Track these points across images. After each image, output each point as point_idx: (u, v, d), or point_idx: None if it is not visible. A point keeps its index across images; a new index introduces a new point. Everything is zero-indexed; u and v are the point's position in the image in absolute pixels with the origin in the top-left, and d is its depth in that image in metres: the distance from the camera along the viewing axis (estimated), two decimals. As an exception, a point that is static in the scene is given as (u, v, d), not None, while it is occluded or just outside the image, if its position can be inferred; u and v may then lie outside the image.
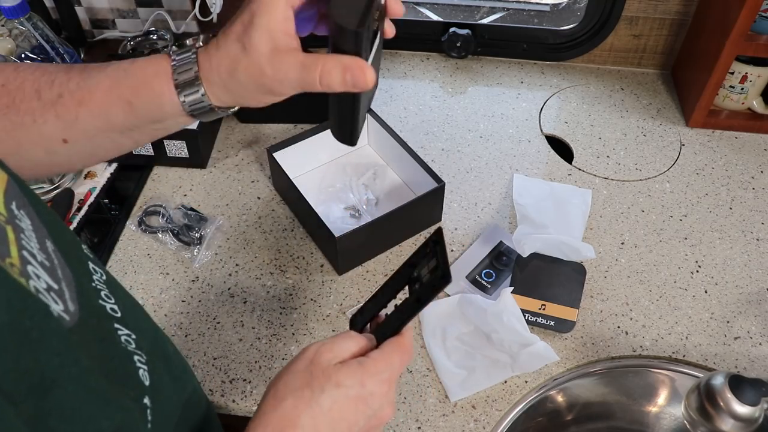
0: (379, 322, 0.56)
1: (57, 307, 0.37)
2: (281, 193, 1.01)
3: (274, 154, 0.97)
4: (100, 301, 0.45)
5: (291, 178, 0.94)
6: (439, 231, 0.53)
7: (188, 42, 0.53)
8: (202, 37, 0.52)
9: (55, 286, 0.38)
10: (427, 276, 0.51)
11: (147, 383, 0.44)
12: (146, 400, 0.44)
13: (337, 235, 0.85)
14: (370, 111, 1.03)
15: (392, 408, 0.52)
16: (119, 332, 0.45)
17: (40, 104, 0.51)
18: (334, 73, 0.49)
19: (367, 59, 0.49)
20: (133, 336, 0.46)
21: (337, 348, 0.51)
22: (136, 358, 0.45)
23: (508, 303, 0.80)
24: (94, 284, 0.45)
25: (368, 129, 1.06)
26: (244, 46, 0.49)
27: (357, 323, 0.57)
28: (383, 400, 0.50)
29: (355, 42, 0.48)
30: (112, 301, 0.46)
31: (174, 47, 0.53)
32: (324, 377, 0.49)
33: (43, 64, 0.55)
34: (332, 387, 0.48)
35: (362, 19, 0.47)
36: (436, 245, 0.52)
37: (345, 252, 0.88)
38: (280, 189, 1.01)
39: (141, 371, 0.44)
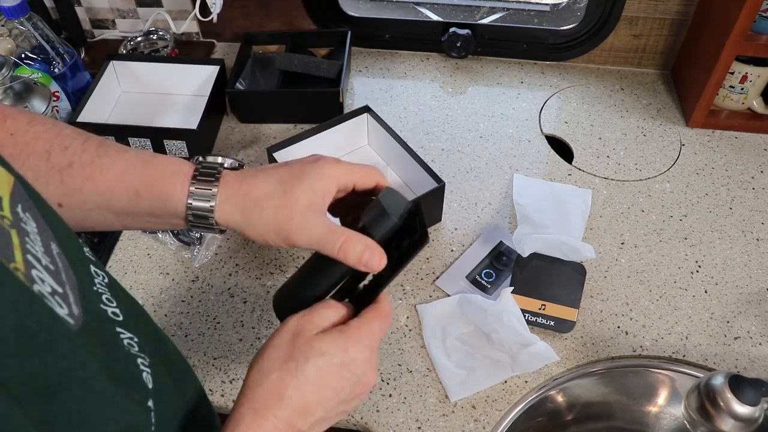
0: (358, 293, 0.56)
1: (62, 311, 0.37)
2: None
3: (274, 154, 0.97)
4: (102, 305, 0.45)
5: None
6: (418, 203, 0.54)
7: (210, 158, 0.54)
8: (228, 161, 0.53)
9: (60, 290, 0.38)
10: (406, 243, 0.53)
11: (150, 386, 0.44)
12: (150, 403, 0.44)
13: None
14: (370, 110, 1.03)
15: (375, 373, 0.52)
16: (122, 336, 0.45)
17: (47, 165, 0.51)
18: (357, 246, 0.51)
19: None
20: (136, 339, 0.46)
21: (317, 318, 0.51)
22: (139, 361, 0.45)
23: (508, 303, 0.80)
24: (95, 288, 0.45)
25: (368, 129, 1.06)
26: (285, 190, 0.52)
27: (337, 297, 0.57)
28: (366, 365, 0.51)
29: (387, 230, 0.53)
30: (114, 304, 0.46)
31: (200, 158, 0.53)
32: (307, 347, 0.49)
33: (60, 123, 0.54)
34: (316, 356, 0.49)
35: (402, 216, 0.53)
36: (415, 216, 0.53)
37: None
38: None
39: (144, 374, 0.44)
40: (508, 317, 0.79)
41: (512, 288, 0.83)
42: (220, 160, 0.54)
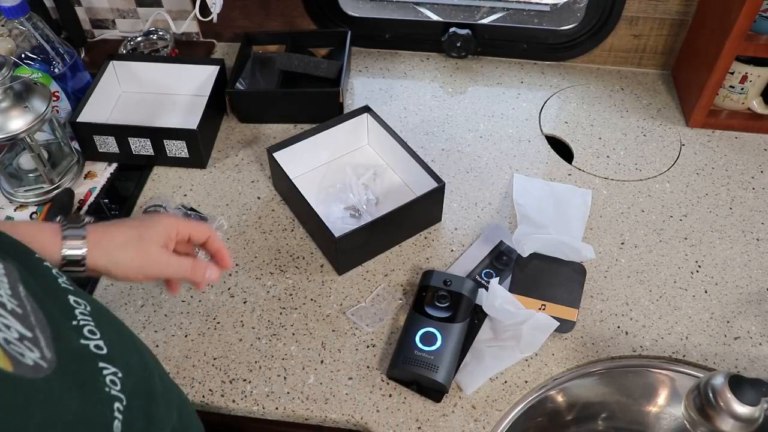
0: None
1: (32, 355, 0.37)
2: (281, 193, 1.01)
3: (274, 154, 0.97)
4: (83, 341, 0.44)
5: (291, 178, 0.94)
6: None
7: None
8: (87, 218, 0.65)
9: (29, 335, 0.38)
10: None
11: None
12: None
13: (336, 235, 0.85)
14: (370, 110, 1.03)
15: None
16: (105, 371, 0.44)
17: None
18: (201, 267, 0.69)
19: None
20: (120, 374, 0.46)
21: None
22: (115, 405, 0.44)
23: (497, 291, 0.82)
24: (75, 322, 0.45)
25: (368, 129, 1.06)
26: (141, 236, 0.64)
27: None
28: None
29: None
30: (97, 336, 0.46)
31: (61, 217, 0.65)
32: None
33: None
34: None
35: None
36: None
37: (345, 252, 0.88)
38: (280, 189, 1.01)
39: (116, 422, 0.44)
40: (500, 303, 0.81)
41: (498, 278, 0.85)
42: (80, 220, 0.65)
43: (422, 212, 0.95)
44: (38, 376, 0.38)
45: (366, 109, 1.04)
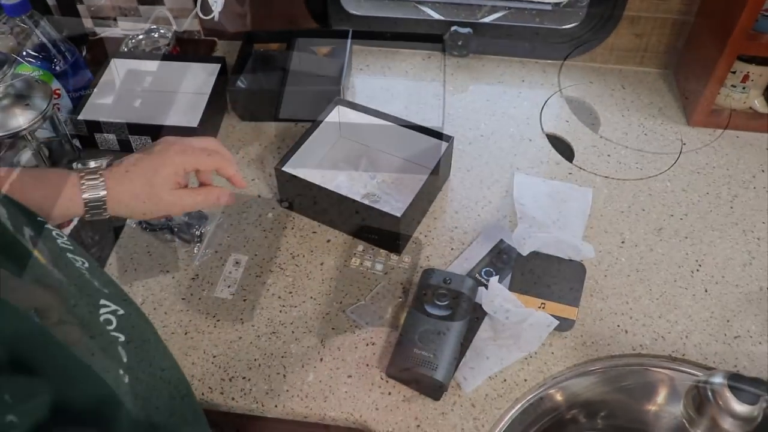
0: None
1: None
2: (293, 204, 0.99)
3: (284, 168, 0.95)
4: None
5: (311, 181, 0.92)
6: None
7: (92, 164, 0.67)
8: (105, 161, 0.68)
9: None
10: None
11: (125, 360, 0.47)
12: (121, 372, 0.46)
13: (397, 215, 0.88)
14: (341, 101, 1.04)
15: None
16: (102, 309, 0.48)
17: None
18: (214, 192, 0.74)
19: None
20: (120, 312, 0.49)
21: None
22: (119, 340, 0.48)
23: (496, 289, 0.82)
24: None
25: (346, 120, 1.06)
26: (151, 183, 0.68)
27: None
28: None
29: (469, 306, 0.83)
30: (96, 284, 0.50)
31: (79, 165, 0.67)
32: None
33: None
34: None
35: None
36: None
37: (405, 227, 0.91)
38: (293, 198, 0.99)
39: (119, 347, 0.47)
40: (500, 301, 0.81)
41: (498, 276, 0.86)
42: (92, 164, 0.67)
43: (439, 171, 0.98)
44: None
45: (337, 102, 1.03)
